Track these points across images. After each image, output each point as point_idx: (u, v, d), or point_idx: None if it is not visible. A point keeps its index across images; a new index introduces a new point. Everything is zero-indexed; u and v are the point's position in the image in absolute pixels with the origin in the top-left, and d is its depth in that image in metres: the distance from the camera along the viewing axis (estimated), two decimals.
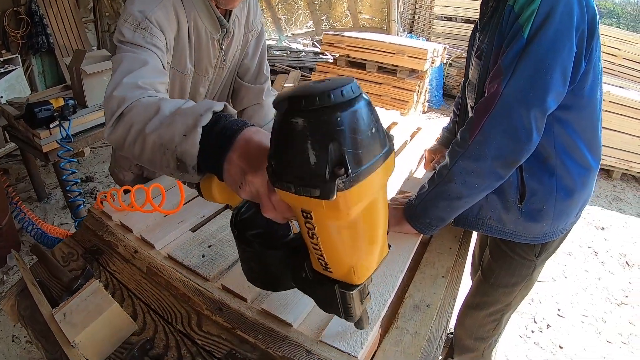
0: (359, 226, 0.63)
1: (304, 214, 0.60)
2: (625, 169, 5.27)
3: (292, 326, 1.01)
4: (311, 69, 6.69)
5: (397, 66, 5.55)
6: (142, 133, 0.87)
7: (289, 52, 7.27)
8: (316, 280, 0.76)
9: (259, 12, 1.61)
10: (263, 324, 1.01)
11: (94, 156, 4.80)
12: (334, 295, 0.76)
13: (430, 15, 10.29)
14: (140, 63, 1.09)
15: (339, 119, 0.53)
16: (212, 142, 0.75)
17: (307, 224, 0.62)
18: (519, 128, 1.14)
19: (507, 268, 1.60)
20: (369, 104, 0.57)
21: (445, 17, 9.14)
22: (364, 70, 5.78)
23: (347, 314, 0.81)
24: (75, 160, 3.09)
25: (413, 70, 5.56)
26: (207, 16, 1.35)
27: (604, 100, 4.76)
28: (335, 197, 0.54)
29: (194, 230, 1.38)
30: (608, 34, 8.01)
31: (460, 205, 1.31)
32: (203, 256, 1.24)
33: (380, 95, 5.75)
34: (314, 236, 0.64)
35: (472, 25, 1.42)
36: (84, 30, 6.70)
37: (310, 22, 7.97)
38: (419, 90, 5.79)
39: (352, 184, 0.54)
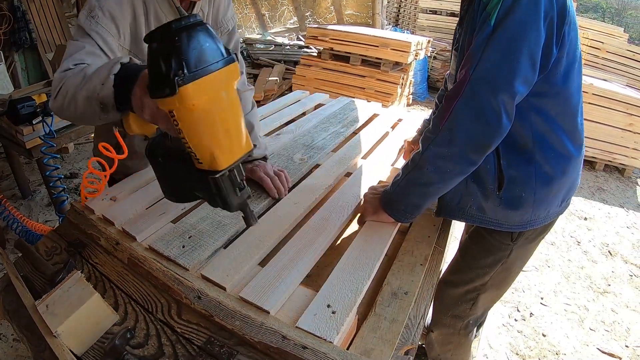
0: (209, 116, 0.80)
1: (171, 115, 0.79)
2: (609, 161, 5.34)
3: (269, 313, 1.02)
4: (296, 63, 6.68)
5: (380, 59, 5.54)
6: (75, 95, 1.07)
7: (273, 46, 7.25)
8: (198, 178, 0.90)
9: (231, 10, 1.64)
10: (240, 312, 1.02)
11: (78, 152, 4.76)
12: (209, 186, 0.92)
13: (415, 8, 10.31)
14: (79, 48, 1.22)
15: (177, 38, 0.74)
16: (121, 84, 0.96)
17: (175, 124, 0.80)
18: (487, 112, 1.15)
19: (482, 249, 1.60)
20: (204, 30, 0.78)
21: (430, 11, 9.18)
22: (348, 63, 5.80)
23: (224, 203, 0.95)
24: (59, 156, 3.07)
25: (397, 63, 5.57)
26: (166, 7, 1.40)
27: (586, 92, 4.87)
28: (177, 91, 0.73)
29: (174, 221, 1.39)
30: (592, 28, 8.10)
31: (433, 191, 1.33)
32: (183, 247, 1.25)
33: (364, 88, 5.74)
34: (181, 132, 0.81)
35: (457, 19, 1.46)
36: (67, 25, 6.63)
37: (295, 19, 7.94)
38: (403, 83, 5.80)
39: (190, 80, 0.73)
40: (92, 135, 3.29)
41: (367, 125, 2.23)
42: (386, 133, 2.15)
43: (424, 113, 2.36)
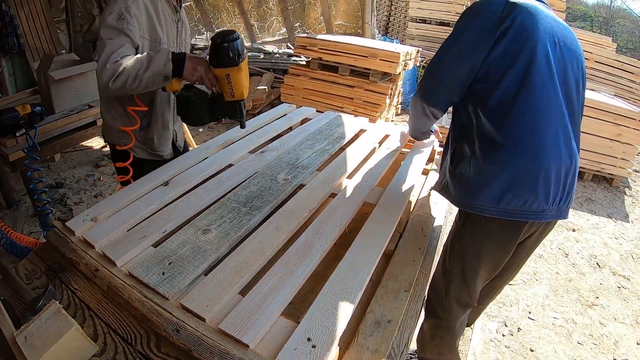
0: (245, 74, 1.75)
1: (227, 76, 1.72)
2: (597, 171, 5.35)
3: (248, 347, 1.00)
4: (284, 71, 6.65)
5: (369, 69, 5.45)
6: (138, 75, 1.69)
7: (262, 54, 7.23)
8: (228, 104, 1.83)
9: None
10: (219, 347, 1.00)
11: (64, 161, 4.70)
12: (236, 108, 1.84)
13: (405, 17, 10.34)
14: (118, 46, 1.74)
15: (237, 41, 1.67)
16: (177, 62, 1.72)
17: (228, 81, 1.73)
18: (432, 90, 1.67)
19: (451, 231, 1.74)
20: (241, 40, 1.70)
21: (420, 20, 9.20)
22: (337, 73, 5.68)
23: (241, 117, 1.88)
24: (42, 169, 3.04)
25: (386, 73, 5.52)
26: (167, 6, 1.99)
27: None
28: (239, 65, 1.69)
29: (155, 245, 1.37)
30: (581, 38, 8.14)
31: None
32: (163, 274, 1.22)
33: (352, 99, 5.62)
34: (230, 82, 1.73)
35: (447, 28, 1.75)
36: (56, 30, 6.57)
37: (284, 29, 7.89)
38: (392, 94, 5.74)
39: (240, 61, 1.69)
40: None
41: (353, 141, 2.22)
42: (373, 150, 2.14)
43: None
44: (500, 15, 1.44)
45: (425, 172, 2.12)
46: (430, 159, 2.23)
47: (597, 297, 3.32)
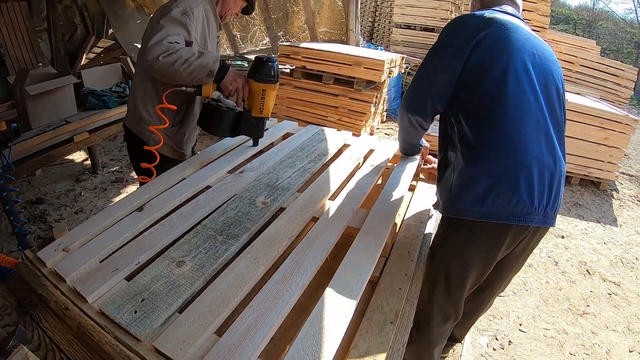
0: (274, 94, 2.05)
1: (263, 92, 2.00)
2: (584, 175, 5.37)
3: None
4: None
5: (354, 77, 5.43)
6: (188, 61, 1.82)
7: (246, 63, 7.15)
8: (254, 120, 2.09)
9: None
10: None
11: (45, 175, 4.59)
12: (259, 124, 2.13)
13: (389, 23, 10.34)
14: (175, 32, 1.89)
15: (274, 63, 1.98)
16: (222, 66, 1.92)
17: (262, 95, 2.02)
18: (417, 100, 1.73)
19: (436, 236, 1.76)
20: (277, 61, 2.00)
21: (404, 25, 9.18)
22: (321, 82, 5.65)
23: (261, 135, 2.19)
24: (18, 189, 2.94)
25: (370, 81, 5.47)
26: (214, 20, 2.19)
27: None
28: (277, 82, 2.02)
29: (128, 279, 1.29)
30: (564, 42, 8.19)
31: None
32: (135, 312, 1.15)
33: (337, 107, 5.62)
34: (264, 99, 2.02)
35: (431, 33, 1.97)
36: (37, 40, 6.46)
37: (267, 39, 7.79)
38: (377, 102, 5.70)
39: (278, 79, 2.02)
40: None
41: (336, 157, 2.16)
42: (357, 166, 2.08)
43: (394, 143, 2.31)
44: (478, 27, 1.56)
45: (411, 189, 2.06)
46: (416, 175, 2.18)
47: (588, 306, 3.30)
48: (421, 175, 2.27)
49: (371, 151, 2.25)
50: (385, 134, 6.52)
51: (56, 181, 4.50)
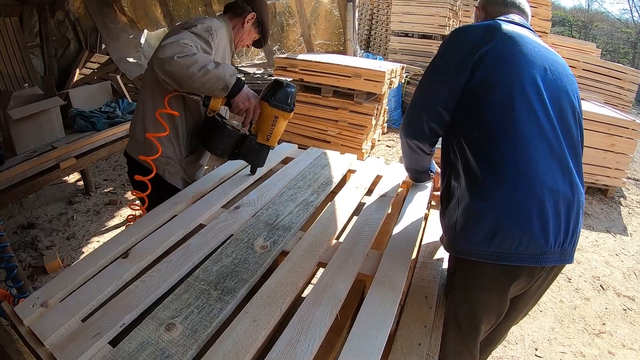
0: (285, 124, 1.94)
1: (274, 117, 1.88)
2: (592, 183, 5.25)
3: None
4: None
5: (353, 90, 5.20)
6: (206, 67, 1.67)
7: (242, 75, 7.03)
8: (259, 146, 1.96)
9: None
10: None
11: (37, 197, 4.44)
12: (263, 151, 1.99)
13: (386, 31, 10.20)
14: (195, 41, 1.78)
15: (293, 90, 1.88)
16: (238, 82, 1.80)
17: (273, 122, 1.89)
18: (414, 122, 1.58)
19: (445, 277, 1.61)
20: (295, 89, 1.91)
21: (402, 33, 9.04)
22: (319, 94, 5.40)
23: (263, 161, 2.04)
24: (2, 223, 2.77)
25: (371, 93, 5.25)
26: (229, 47, 2.11)
27: None
28: (291, 112, 1.90)
29: (113, 344, 1.14)
30: (565, 45, 8.09)
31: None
32: None
33: (336, 121, 5.38)
34: (273, 126, 1.90)
35: (429, 41, 1.81)
36: (29, 56, 6.33)
37: (262, 54, 7.63)
38: (377, 114, 5.49)
39: (292, 109, 1.89)
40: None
41: (341, 187, 2.00)
42: (366, 193, 1.94)
43: (403, 166, 2.16)
44: (479, 40, 1.40)
45: (424, 217, 1.90)
46: (429, 202, 2.01)
47: (604, 324, 3.17)
48: (434, 202, 2.11)
49: (379, 177, 2.10)
50: (387, 145, 6.38)
51: (48, 203, 4.36)
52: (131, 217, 2.08)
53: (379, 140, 6.15)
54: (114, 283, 1.34)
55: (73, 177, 4.81)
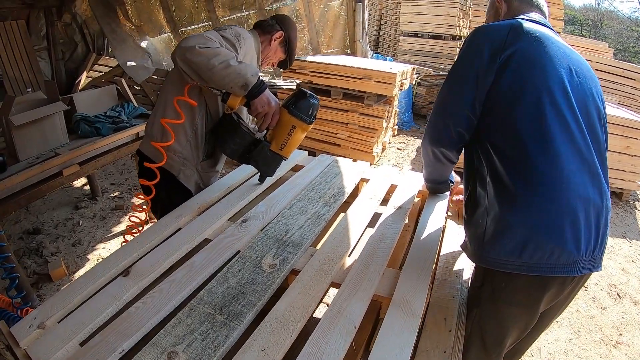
0: (302, 136, 1.86)
1: (292, 127, 1.80)
2: None
3: None
4: (275, 94, 6.43)
5: (364, 92, 5.09)
6: (228, 63, 1.64)
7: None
8: (271, 154, 1.87)
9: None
10: None
11: (43, 202, 4.40)
12: (276, 162, 1.92)
13: (395, 31, 10.10)
14: (220, 40, 1.74)
15: (316, 102, 1.83)
16: (259, 84, 1.73)
17: (290, 131, 1.81)
18: (439, 128, 1.52)
19: (468, 290, 1.52)
20: (319, 102, 1.86)
21: (411, 34, 8.94)
22: (329, 97, 5.31)
23: (271, 174, 1.96)
24: (3, 232, 2.70)
25: (381, 95, 5.14)
26: (256, 61, 2.07)
27: None
28: (311, 124, 1.82)
29: None
30: (578, 45, 7.96)
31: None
32: None
33: (347, 124, 5.29)
34: (289, 136, 1.82)
35: (439, 41, 1.74)
36: (36, 59, 6.31)
37: None
38: (388, 116, 5.39)
39: (312, 122, 1.82)
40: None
41: (354, 199, 1.91)
42: (380, 203, 1.85)
43: (419, 175, 2.07)
44: (504, 41, 1.34)
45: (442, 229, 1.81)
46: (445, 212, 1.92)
47: (621, 334, 3.09)
48: (450, 212, 2.01)
49: (393, 187, 2.01)
50: (398, 148, 6.28)
51: (54, 208, 4.33)
52: (129, 227, 2.02)
53: (389, 143, 6.05)
54: (113, 304, 1.26)
55: (80, 181, 4.77)
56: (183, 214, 1.74)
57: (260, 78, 1.74)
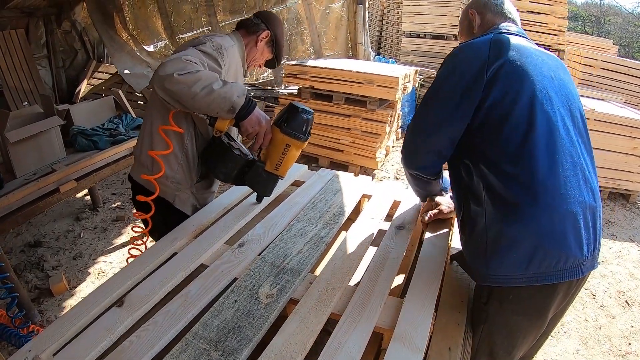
0: (297, 154, 1.77)
1: (286, 145, 1.71)
2: (613, 188, 5.08)
3: None
4: (275, 99, 6.37)
5: (366, 96, 5.02)
6: (211, 87, 1.54)
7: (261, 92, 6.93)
8: (266, 175, 1.80)
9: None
10: None
11: (45, 214, 4.38)
12: (271, 180, 1.82)
13: (397, 32, 10.05)
14: (201, 58, 1.66)
15: (309, 117, 1.71)
16: (248, 104, 1.64)
17: (284, 150, 1.72)
18: (417, 149, 1.55)
19: (472, 307, 1.48)
20: (313, 116, 1.74)
21: (413, 34, 8.90)
22: (331, 102, 5.23)
23: (270, 190, 1.87)
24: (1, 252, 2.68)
25: (384, 99, 5.08)
26: (241, 67, 2.00)
27: (588, 119, 4.58)
28: (305, 142, 1.72)
29: None
30: (582, 42, 7.88)
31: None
32: None
33: (349, 129, 5.19)
34: (284, 155, 1.73)
35: (442, 41, 1.64)
36: (36, 67, 6.30)
37: (269, 71, 7.46)
38: (391, 121, 5.33)
39: (307, 138, 1.72)
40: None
41: (355, 218, 1.87)
42: (383, 222, 1.81)
43: None
44: (487, 57, 1.36)
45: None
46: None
47: (630, 344, 3.04)
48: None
49: (396, 203, 1.95)
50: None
51: (56, 219, 4.32)
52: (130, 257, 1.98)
53: (393, 147, 5.98)
54: (107, 337, 1.23)
55: (81, 192, 4.75)
56: (179, 237, 1.69)
57: (248, 97, 1.66)
